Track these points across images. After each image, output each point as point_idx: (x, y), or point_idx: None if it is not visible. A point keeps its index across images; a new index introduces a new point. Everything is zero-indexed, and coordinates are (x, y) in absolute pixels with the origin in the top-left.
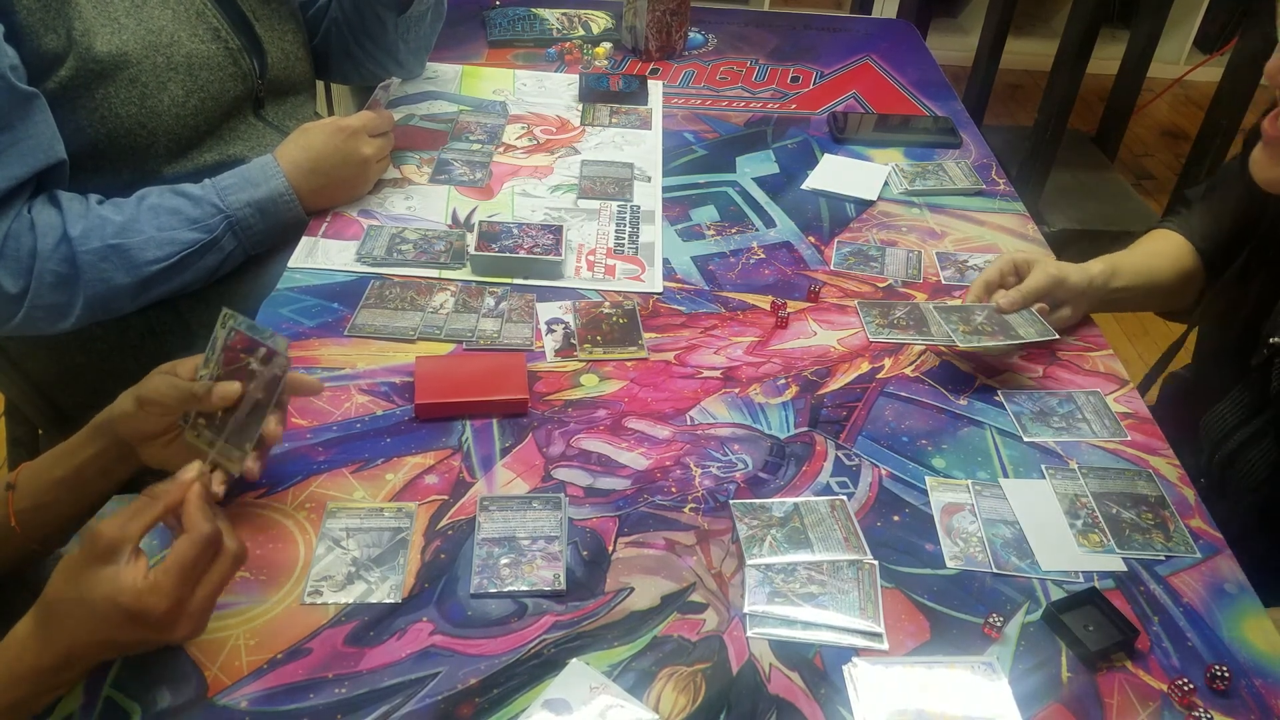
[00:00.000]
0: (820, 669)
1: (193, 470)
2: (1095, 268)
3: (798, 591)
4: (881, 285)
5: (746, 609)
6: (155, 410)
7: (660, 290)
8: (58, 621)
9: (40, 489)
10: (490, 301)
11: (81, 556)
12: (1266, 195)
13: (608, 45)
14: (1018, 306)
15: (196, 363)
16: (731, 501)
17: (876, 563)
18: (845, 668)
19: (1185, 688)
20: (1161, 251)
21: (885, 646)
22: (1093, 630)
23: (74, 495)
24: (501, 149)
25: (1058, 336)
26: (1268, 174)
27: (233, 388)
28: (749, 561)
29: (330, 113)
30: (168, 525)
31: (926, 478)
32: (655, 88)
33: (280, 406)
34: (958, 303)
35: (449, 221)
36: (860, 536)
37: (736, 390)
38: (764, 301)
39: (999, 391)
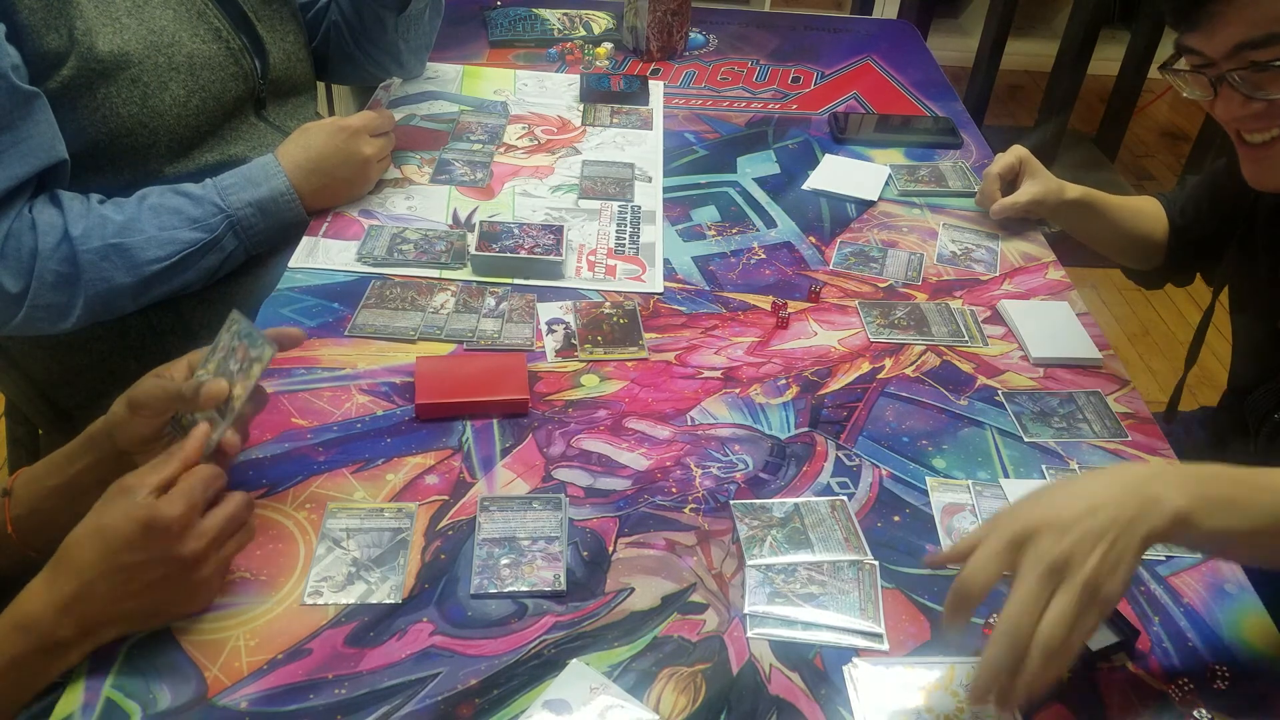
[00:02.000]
0: (820, 669)
1: (204, 428)
2: (1072, 192)
3: (798, 592)
4: (882, 285)
5: (747, 609)
6: (146, 413)
7: (661, 290)
8: (71, 557)
9: (37, 495)
10: (491, 302)
11: (103, 498)
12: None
13: (609, 45)
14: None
15: (187, 364)
16: (732, 502)
17: (877, 563)
18: (845, 668)
19: (1185, 688)
20: (1139, 209)
21: (885, 647)
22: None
23: (70, 503)
24: (502, 149)
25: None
26: (1267, 180)
27: (220, 387)
28: (749, 562)
29: (331, 113)
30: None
31: (927, 478)
32: (656, 88)
33: (241, 418)
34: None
35: (450, 221)
36: (861, 537)
37: (737, 390)
38: (764, 302)
39: (999, 392)
